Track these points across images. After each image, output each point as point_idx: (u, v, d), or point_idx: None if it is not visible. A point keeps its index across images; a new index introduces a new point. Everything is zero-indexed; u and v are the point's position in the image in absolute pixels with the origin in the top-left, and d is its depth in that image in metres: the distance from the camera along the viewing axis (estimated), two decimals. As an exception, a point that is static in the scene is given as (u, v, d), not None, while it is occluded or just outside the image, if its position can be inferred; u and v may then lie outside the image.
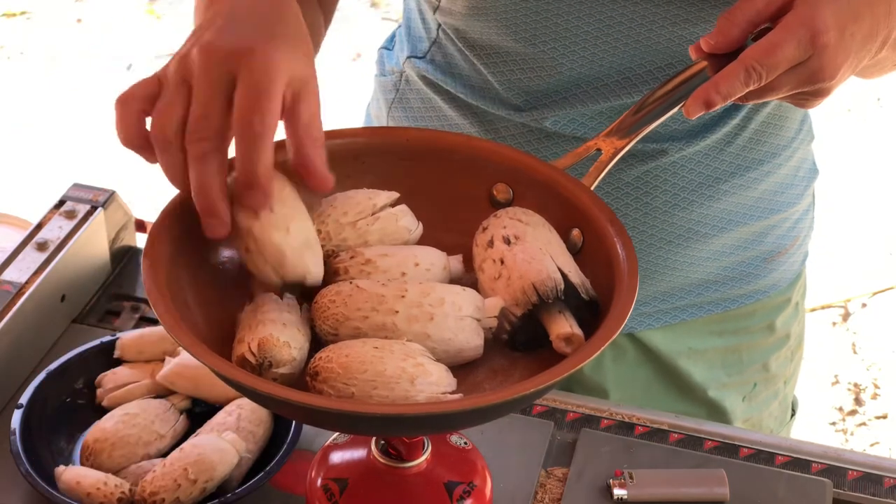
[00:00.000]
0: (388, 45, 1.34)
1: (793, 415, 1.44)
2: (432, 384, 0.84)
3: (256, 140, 0.83)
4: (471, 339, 0.89)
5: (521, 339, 0.91)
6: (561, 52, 1.15)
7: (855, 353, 2.94)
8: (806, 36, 0.91)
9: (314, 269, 0.91)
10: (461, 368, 0.90)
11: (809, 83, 0.94)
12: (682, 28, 1.13)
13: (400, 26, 1.32)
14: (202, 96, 0.84)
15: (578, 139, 1.18)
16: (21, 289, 1.23)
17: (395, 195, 0.96)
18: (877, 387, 2.86)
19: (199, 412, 1.16)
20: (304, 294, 0.92)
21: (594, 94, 1.17)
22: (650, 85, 1.16)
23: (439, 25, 1.23)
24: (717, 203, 1.23)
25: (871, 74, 1.08)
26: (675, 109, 0.97)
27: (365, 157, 1.00)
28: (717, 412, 1.33)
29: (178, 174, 0.85)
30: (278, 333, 0.87)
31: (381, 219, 0.95)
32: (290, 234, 0.90)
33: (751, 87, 0.92)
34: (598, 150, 0.98)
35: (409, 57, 1.27)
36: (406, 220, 0.96)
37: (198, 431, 1.12)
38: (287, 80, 0.84)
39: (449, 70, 1.23)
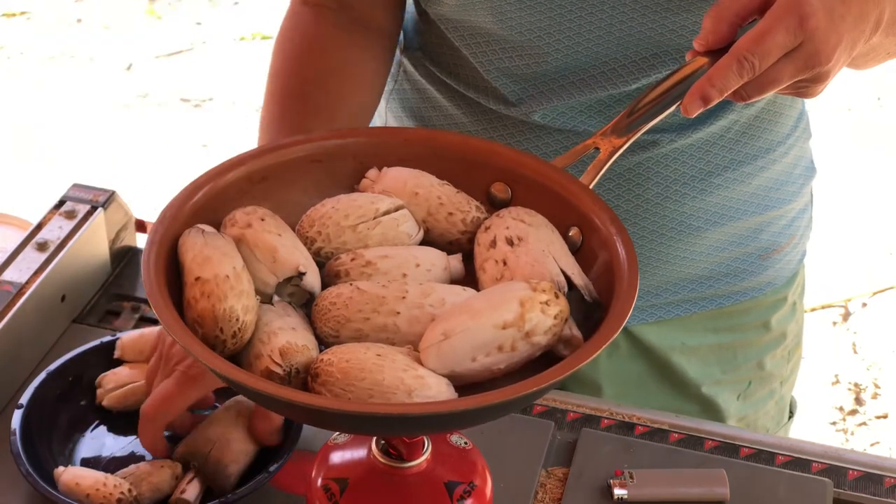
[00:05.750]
0: None
1: (791, 416, 1.44)
2: (430, 397, 0.84)
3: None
4: (471, 339, 0.89)
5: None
6: (547, 42, 1.16)
7: (855, 352, 2.94)
8: (794, 21, 0.92)
9: (305, 262, 0.92)
10: (461, 368, 0.89)
11: (807, 69, 0.94)
12: (664, 17, 1.13)
13: None
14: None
15: (568, 132, 1.19)
16: (21, 289, 1.23)
17: (398, 201, 0.96)
18: (877, 386, 2.86)
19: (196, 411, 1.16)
20: (298, 301, 0.93)
21: (581, 85, 1.17)
22: (637, 76, 1.16)
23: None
24: (710, 197, 1.24)
25: (865, 63, 1.08)
26: (673, 108, 0.97)
27: (363, 157, 1.00)
28: (711, 409, 1.33)
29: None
30: (294, 339, 0.87)
31: (382, 223, 0.95)
32: (282, 237, 0.92)
33: (745, 79, 0.92)
34: (596, 148, 0.98)
35: (405, 47, 1.28)
36: (407, 226, 0.96)
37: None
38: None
39: (445, 60, 1.24)
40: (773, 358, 1.36)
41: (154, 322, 1.26)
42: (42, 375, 1.15)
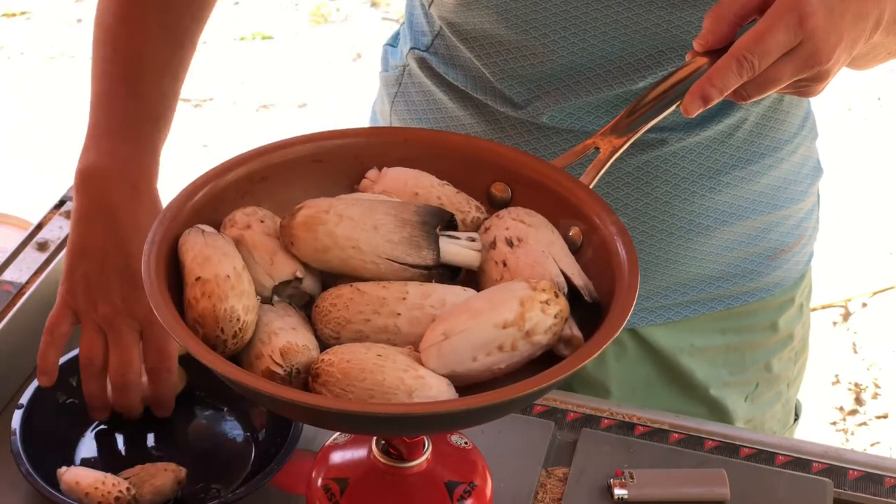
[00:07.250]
0: (393, 43, 1.36)
1: (796, 419, 1.44)
2: (430, 398, 0.84)
3: (164, 375, 1.15)
4: (472, 340, 0.89)
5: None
6: (553, 39, 1.16)
7: (855, 352, 2.94)
8: (794, 20, 0.92)
9: (303, 267, 0.91)
10: (461, 368, 0.89)
11: (807, 68, 0.94)
12: (671, 13, 1.13)
13: (403, 23, 1.33)
14: (124, 347, 1.13)
15: (577, 133, 1.19)
16: (21, 289, 1.23)
17: None
18: (877, 386, 2.86)
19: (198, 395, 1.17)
20: (298, 302, 0.93)
21: (588, 85, 1.17)
22: (643, 73, 1.16)
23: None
24: (719, 195, 1.24)
25: (865, 64, 1.08)
26: (673, 108, 0.97)
27: (364, 158, 1.00)
28: (719, 411, 1.33)
29: (101, 395, 1.14)
30: (295, 339, 0.87)
31: None
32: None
33: (745, 78, 0.93)
34: (597, 148, 0.98)
35: (412, 48, 1.28)
36: None
37: None
38: None
39: (451, 62, 1.24)
40: (780, 360, 1.36)
41: (154, 322, 1.26)
42: (42, 375, 1.15)
